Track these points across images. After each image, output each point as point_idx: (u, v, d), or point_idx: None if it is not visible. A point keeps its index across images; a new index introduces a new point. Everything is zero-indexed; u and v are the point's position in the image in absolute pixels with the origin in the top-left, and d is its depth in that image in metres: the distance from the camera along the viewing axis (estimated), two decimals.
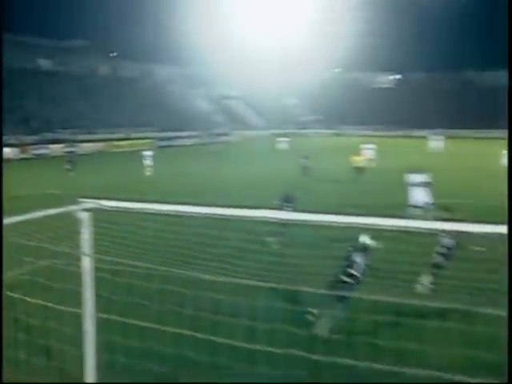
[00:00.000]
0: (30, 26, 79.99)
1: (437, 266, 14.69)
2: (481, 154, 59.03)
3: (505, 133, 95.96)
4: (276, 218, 11.11)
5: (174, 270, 12.17)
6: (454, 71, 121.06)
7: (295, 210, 14.10)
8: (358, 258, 13.04)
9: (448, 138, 76.26)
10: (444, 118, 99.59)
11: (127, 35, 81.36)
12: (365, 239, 13.09)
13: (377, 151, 49.81)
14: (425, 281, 14.62)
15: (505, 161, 45.67)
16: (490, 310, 9.92)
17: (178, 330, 9.26)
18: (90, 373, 9.00)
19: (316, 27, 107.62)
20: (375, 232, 13.33)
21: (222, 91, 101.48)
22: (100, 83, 78.17)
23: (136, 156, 49.17)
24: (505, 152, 46.40)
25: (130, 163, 49.31)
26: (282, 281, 12.57)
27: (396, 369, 8.54)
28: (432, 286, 14.49)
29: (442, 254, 14.67)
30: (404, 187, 26.64)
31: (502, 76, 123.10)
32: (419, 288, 14.46)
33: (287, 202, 19.00)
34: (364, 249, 13.12)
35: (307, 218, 7.77)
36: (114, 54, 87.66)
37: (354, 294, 12.17)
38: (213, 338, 8.91)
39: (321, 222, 7.31)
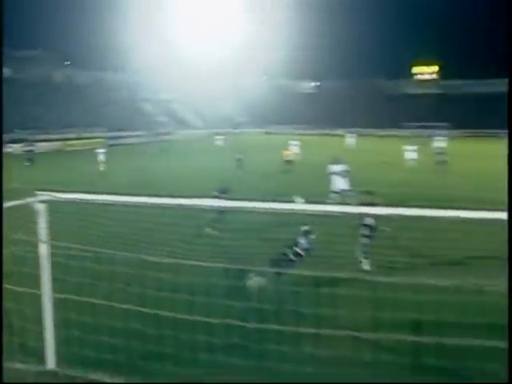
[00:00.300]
0: None
1: (365, 245, 14.87)
2: (387, 150, 60.45)
3: (405, 132, 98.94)
4: (213, 206, 11.30)
5: (122, 252, 11.98)
6: (366, 79, 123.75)
7: (230, 199, 14.29)
8: (302, 240, 13.58)
9: (359, 135, 78.13)
10: (356, 119, 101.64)
11: (80, 46, 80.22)
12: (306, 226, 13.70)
13: (301, 147, 50.41)
14: (361, 258, 14.90)
15: (407, 155, 46.87)
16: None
17: (125, 306, 9.14)
18: (50, 347, 8.87)
19: (249, 39, 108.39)
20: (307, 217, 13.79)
21: (164, 95, 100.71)
22: (55, 89, 76.33)
23: (88, 154, 48.49)
24: (407, 147, 47.69)
25: (83, 160, 48.43)
26: (220, 260, 12.57)
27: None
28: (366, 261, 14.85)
29: (367, 235, 14.77)
30: (326, 177, 27.18)
31: (403, 84, 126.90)
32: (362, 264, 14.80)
33: (223, 192, 19.11)
34: (306, 232, 13.62)
35: (241, 206, 7.83)
36: (68, 63, 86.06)
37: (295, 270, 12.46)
38: (158, 311, 8.85)
39: (254, 208, 7.37)
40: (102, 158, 42.29)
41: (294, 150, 48.01)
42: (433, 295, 9.09)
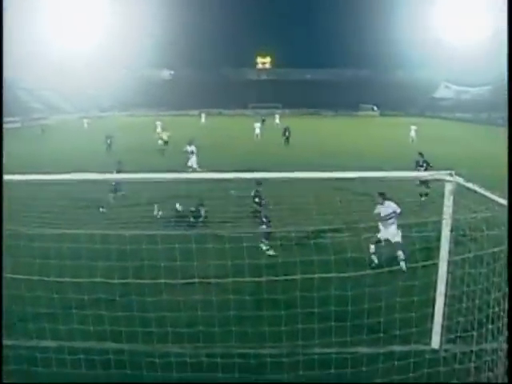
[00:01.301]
0: None
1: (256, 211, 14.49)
2: (237, 127, 61.81)
3: (249, 111, 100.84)
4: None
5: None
6: (213, 68, 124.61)
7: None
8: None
9: (210, 115, 79.30)
10: (208, 102, 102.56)
11: None
12: None
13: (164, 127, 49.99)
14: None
15: (255, 131, 48.48)
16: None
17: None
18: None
19: (113, 32, 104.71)
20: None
21: (37, 84, 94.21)
22: None
23: None
24: (255, 124, 49.18)
25: None
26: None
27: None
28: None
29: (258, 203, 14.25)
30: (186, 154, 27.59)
31: (246, 71, 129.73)
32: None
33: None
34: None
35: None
36: None
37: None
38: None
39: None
40: None
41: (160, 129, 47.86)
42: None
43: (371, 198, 13.16)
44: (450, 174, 7.75)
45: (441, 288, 8.15)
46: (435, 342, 8.32)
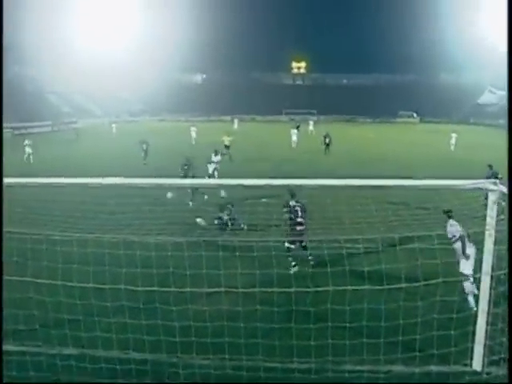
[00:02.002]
0: None
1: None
2: (270, 131, 61.76)
3: (283, 117, 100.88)
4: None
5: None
6: (247, 72, 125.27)
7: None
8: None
9: (241, 120, 79.60)
10: (241, 107, 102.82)
11: None
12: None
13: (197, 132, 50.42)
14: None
15: (292, 137, 48.12)
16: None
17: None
18: None
19: (144, 36, 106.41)
20: None
21: (68, 88, 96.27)
22: None
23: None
24: (292, 131, 48.88)
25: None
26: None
27: None
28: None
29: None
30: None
31: (280, 76, 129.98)
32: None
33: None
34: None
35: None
36: None
37: None
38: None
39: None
40: (28, 149, 37.32)
41: (194, 134, 48.71)
42: None
43: (407, 208, 12.87)
44: (495, 183, 7.53)
45: (483, 305, 7.87)
46: (477, 363, 8.02)
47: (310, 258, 12.97)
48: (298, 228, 13.10)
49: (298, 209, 13.14)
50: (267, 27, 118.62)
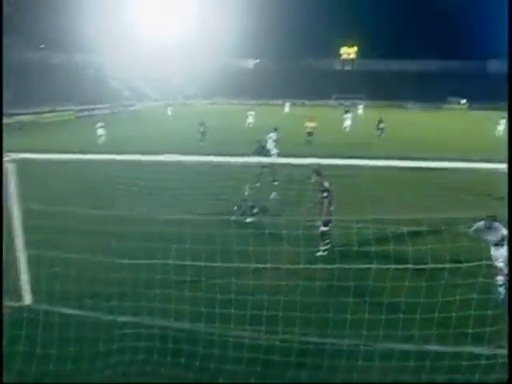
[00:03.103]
0: None
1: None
2: (320, 115, 61.10)
3: (333, 102, 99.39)
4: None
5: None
6: (297, 58, 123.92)
7: None
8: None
9: (292, 104, 78.93)
10: (292, 91, 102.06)
11: (52, 30, 76.50)
12: None
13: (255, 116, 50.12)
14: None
15: (345, 122, 47.26)
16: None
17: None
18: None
19: (198, 22, 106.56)
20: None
21: (127, 72, 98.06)
22: (32, 69, 72.72)
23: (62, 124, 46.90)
24: (345, 116, 48.08)
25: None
26: None
27: None
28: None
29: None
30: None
31: (331, 62, 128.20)
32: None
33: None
34: None
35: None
36: (42, 46, 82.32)
37: None
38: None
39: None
40: (101, 131, 37.28)
41: (251, 118, 48.54)
42: None
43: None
44: None
45: None
46: None
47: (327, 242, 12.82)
48: (331, 208, 12.85)
49: (331, 190, 12.90)
50: (318, 13, 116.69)
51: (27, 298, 9.47)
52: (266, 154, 21.05)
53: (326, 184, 12.82)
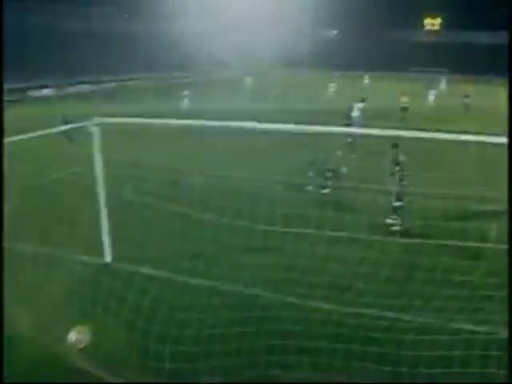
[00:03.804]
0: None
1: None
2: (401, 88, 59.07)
3: (414, 75, 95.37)
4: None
5: None
6: (379, 29, 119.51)
7: None
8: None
9: (372, 76, 76.56)
10: (369, 62, 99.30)
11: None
12: None
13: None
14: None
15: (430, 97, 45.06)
16: None
17: None
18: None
19: None
20: None
21: (207, 41, 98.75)
22: (116, 38, 74.80)
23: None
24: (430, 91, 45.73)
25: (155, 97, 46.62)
26: None
27: None
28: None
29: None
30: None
31: (413, 33, 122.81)
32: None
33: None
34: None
35: None
36: (126, 16, 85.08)
37: None
38: None
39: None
40: (186, 100, 38.59)
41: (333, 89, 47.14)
42: None
43: None
44: None
45: None
46: None
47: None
48: (404, 183, 12.53)
49: (405, 164, 12.56)
50: None
51: (108, 257, 9.90)
52: (351, 123, 21.28)
53: (402, 158, 12.49)
